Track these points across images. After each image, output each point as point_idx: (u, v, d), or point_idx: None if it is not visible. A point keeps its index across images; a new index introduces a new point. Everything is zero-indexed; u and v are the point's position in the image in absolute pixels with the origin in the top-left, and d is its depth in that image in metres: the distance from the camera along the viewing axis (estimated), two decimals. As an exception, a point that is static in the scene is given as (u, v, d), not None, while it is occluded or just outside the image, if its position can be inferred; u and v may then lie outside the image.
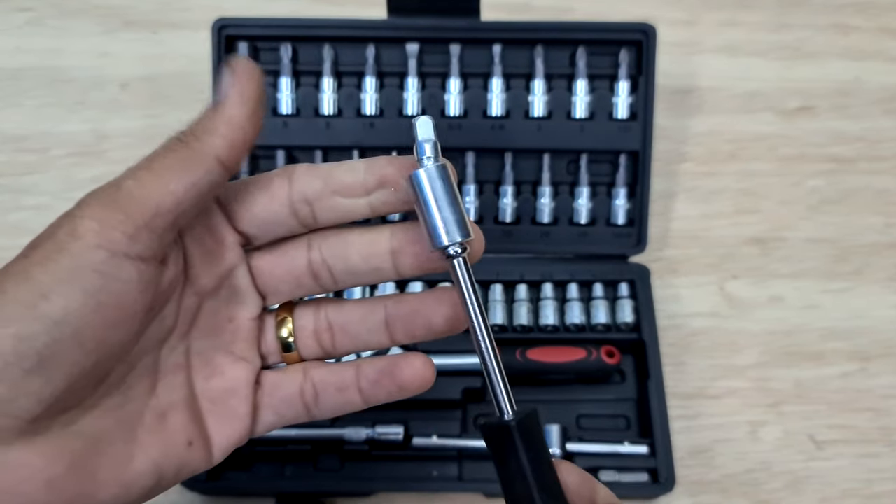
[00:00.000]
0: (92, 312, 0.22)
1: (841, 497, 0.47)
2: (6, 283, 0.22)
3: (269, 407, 0.28)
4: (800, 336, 0.52)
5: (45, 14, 0.67)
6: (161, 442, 0.26)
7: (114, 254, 0.23)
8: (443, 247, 0.25)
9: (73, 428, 0.24)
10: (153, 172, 0.24)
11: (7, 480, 0.22)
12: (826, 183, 0.59)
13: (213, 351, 0.28)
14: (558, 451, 0.45)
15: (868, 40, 0.66)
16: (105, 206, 0.23)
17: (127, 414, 0.26)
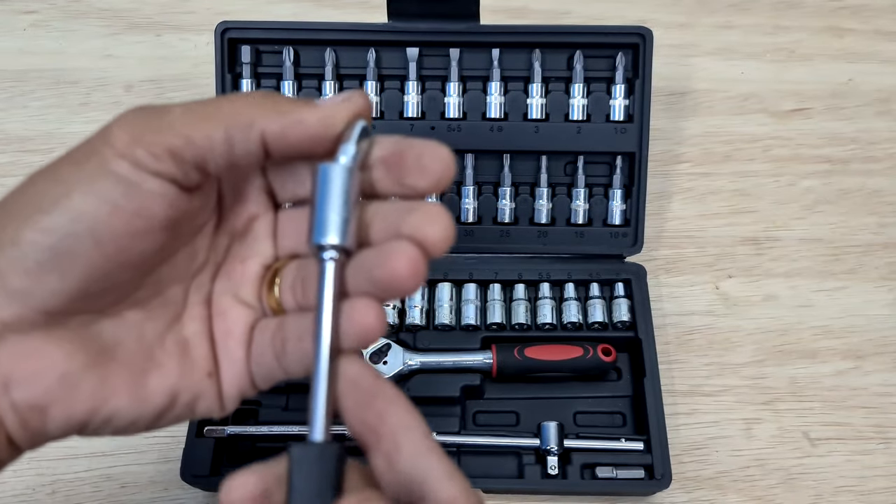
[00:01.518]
0: (109, 215, 0.23)
1: (835, 494, 0.47)
2: (38, 177, 0.24)
3: (256, 361, 0.27)
4: (794, 334, 0.53)
5: (50, 16, 0.68)
6: (182, 367, 0.26)
7: (137, 167, 0.23)
8: (318, 244, 0.24)
9: (93, 330, 0.25)
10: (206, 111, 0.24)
11: (22, 369, 0.23)
12: (820, 183, 0.60)
13: (225, 293, 0.28)
14: (555, 447, 0.46)
15: (862, 43, 0.66)
16: (144, 124, 0.24)
17: (149, 332, 0.26)
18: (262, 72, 0.52)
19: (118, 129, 0.24)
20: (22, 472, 0.47)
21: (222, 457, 0.47)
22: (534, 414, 0.49)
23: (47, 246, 0.23)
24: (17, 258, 0.23)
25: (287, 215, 0.28)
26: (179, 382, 0.26)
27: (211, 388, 0.27)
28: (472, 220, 0.53)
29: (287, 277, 0.28)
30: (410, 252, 0.23)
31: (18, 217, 0.23)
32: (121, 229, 0.23)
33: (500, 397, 0.50)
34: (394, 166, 0.25)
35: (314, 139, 0.25)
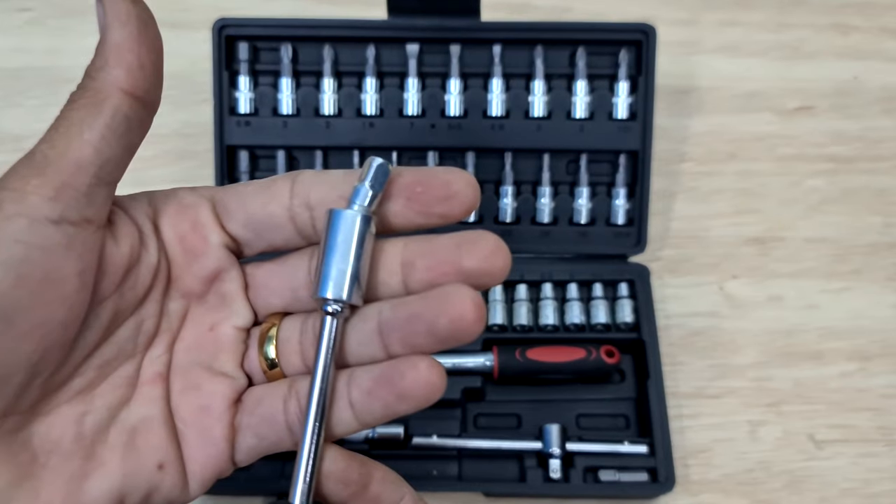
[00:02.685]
0: (13, 287, 0.19)
1: (840, 496, 0.47)
2: None
3: (249, 428, 0.24)
4: (799, 336, 0.52)
5: (45, 14, 0.67)
6: (127, 462, 0.23)
7: (34, 220, 0.20)
8: (323, 298, 0.23)
9: (22, 436, 0.21)
10: (63, 129, 0.22)
11: None
12: (825, 183, 0.59)
13: (192, 365, 0.25)
14: (558, 450, 0.45)
15: (867, 40, 0.66)
16: (21, 175, 0.21)
17: (88, 427, 0.23)
18: (260, 69, 0.51)
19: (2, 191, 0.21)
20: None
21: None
22: (536, 416, 0.48)
23: None
24: None
25: (262, 269, 0.26)
26: (124, 482, 0.23)
27: (165, 481, 0.24)
28: (472, 219, 0.53)
29: (290, 336, 0.25)
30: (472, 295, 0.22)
31: None
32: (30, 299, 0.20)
33: (501, 400, 0.49)
34: (418, 196, 0.23)
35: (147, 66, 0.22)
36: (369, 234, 0.23)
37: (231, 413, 0.25)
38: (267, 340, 0.25)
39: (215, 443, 0.24)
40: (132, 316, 0.24)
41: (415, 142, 0.51)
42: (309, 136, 0.51)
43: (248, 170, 0.52)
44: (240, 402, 0.25)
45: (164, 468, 0.24)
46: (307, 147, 0.52)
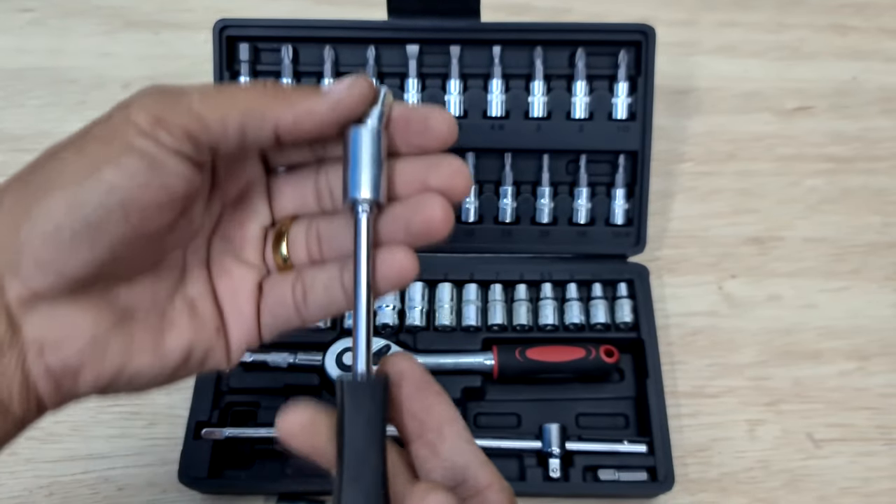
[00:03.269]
0: (137, 189, 0.25)
1: (839, 495, 0.47)
2: (64, 152, 0.25)
3: (266, 308, 0.29)
4: (798, 335, 0.53)
5: (47, 14, 0.67)
6: (193, 325, 0.28)
7: (160, 146, 0.25)
8: (353, 199, 0.27)
9: (112, 295, 0.27)
10: (221, 99, 0.25)
11: (56, 334, 0.25)
12: (824, 182, 0.59)
13: (224, 255, 0.30)
14: (557, 449, 0.45)
15: (866, 40, 0.66)
16: (163, 105, 0.25)
17: (160, 295, 0.28)
18: (261, 69, 0.52)
19: (139, 109, 0.25)
20: (19, 474, 0.47)
21: (220, 459, 0.46)
22: (535, 416, 0.48)
23: (81, 218, 0.24)
24: (50, 231, 0.24)
25: (281, 180, 0.30)
26: (193, 339, 0.28)
27: (220, 343, 0.29)
28: (473, 219, 0.53)
29: (297, 235, 0.30)
30: (442, 202, 0.26)
31: (47, 190, 0.24)
32: (146, 203, 0.25)
33: (501, 399, 0.49)
34: (402, 130, 0.27)
35: (324, 126, 0.26)
36: (381, 145, 0.27)
37: (256, 296, 0.29)
38: (280, 238, 0.30)
39: (246, 319, 0.29)
40: (186, 214, 0.28)
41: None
42: (309, 136, 0.51)
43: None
44: (261, 289, 0.30)
45: (219, 332, 0.29)
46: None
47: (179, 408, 0.49)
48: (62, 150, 0.25)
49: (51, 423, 0.48)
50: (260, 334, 0.30)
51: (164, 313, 0.28)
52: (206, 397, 0.47)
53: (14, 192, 0.25)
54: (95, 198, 0.24)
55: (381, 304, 0.51)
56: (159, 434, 0.48)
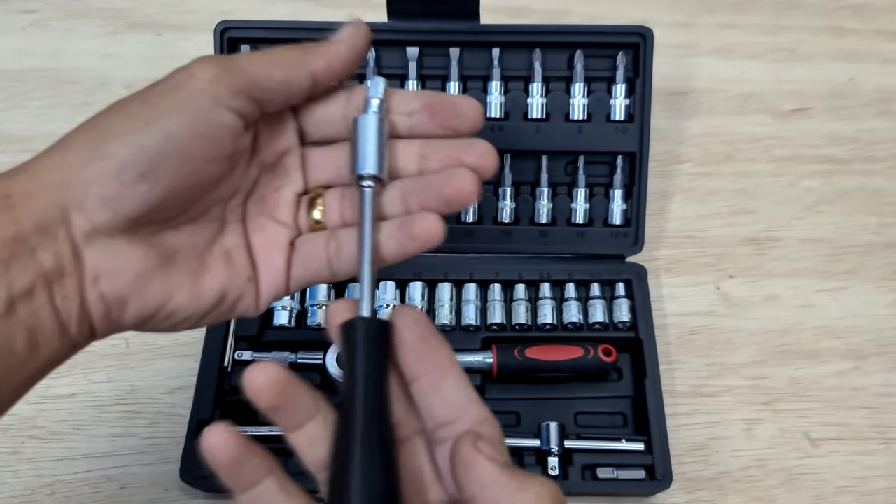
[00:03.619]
0: (193, 139, 0.28)
1: (836, 494, 0.47)
2: (130, 103, 0.28)
3: (298, 261, 0.33)
4: (795, 335, 0.53)
5: (50, 16, 0.68)
6: (228, 271, 0.31)
7: (217, 101, 0.28)
8: (359, 174, 0.31)
9: (158, 238, 0.30)
10: (266, 59, 0.30)
11: (111, 265, 0.28)
12: (821, 183, 0.60)
13: (260, 214, 0.33)
14: (556, 447, 0.46)
15: (863, 42, 0.66)
16: (219, 66, 0.29)
17: (199, 242, 0.31)
18: (262, 71, 0.52)
19: (199, 68, 0.28)
20: (21, 473, 0.47)
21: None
22: (534, 414, 0.48)
23: (143, 160, 0.27)
24: (115, 170, 0.27)
25: (315, 152, 0.34)
26: (227, 284, 0.31)
27: (251, 290, 0.32)
28: (472, 219, 0.53)
29: (331, 201, 0.33)
30: (472, 175, 0.30)
31: (114, 134, 0.27)
32: (200, 153, 0.28)
33: (500, 398, 0.49)
34: (436, 114, 0.32)
35: (350, 64, 0.31)
36: (383, 129, 0.31)
37: (288, 251, 0.33)
38: (314, 203, 0.33)
39: (277, 270, 0.32)
40: (229, 173, 0.31)
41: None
42: (310, 137, 0.52)
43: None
44: (293, 246, 0.33)
45: (251, 281, 0.32)
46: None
47: (181, 407, 0.49)
48: (128, 102, 0.28)
49: (53, 422, 0.49)
50: (288, 286, 0.33)
51: (202, 259, 0.31)
52: (207, 396, 0.47)
53: (83, 135, 0.28)
54: (156, 143, 0.27)
55: (381, 304, 0.51)
56: (161, 433, 0.49)
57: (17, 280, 0.25)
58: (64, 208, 0.27)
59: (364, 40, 0.32)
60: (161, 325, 0.30)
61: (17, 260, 0.26)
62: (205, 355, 0.49)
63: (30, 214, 0.26)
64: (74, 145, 0.28)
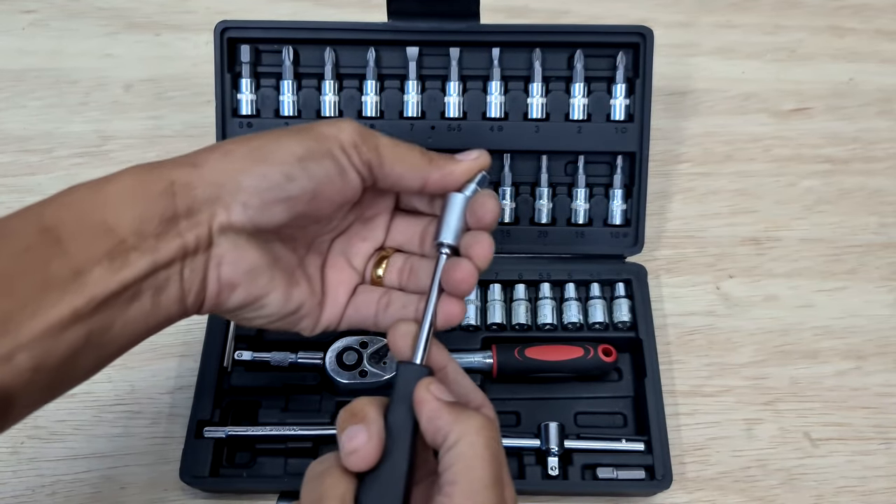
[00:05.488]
0: (328, 184, 0.34)
1: (836, 494, 0.47)
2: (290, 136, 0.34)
3: (353, 305, 0.39)
4: (795, 335, 0.53)
5: (49, 16, 0.68)
6: (308, 290, 0.37)
7: (351, 163, 0.34)
8: (440, 242, 0.36)
9: (271, 245, 0.35)
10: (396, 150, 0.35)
11: (233, 256, 0.33)
12: (821, 183, 0.60)
13: (341, 255, 0.39)
14: (556, 447, 0.46)
15: (863, 42, 0.66)
16: (361, 135, 0.34)
17: (294, 260, 0.37)
18: (262, 71, 0.52)
19: (348, 129, 0.34)
20: (22, 473, 0.47)
21: (221, 458, 0.47)
22: (534, 414, 0.48)
23: (285, 188, 0.33)
24: (263, 188, 0.33)
25: (399, 218, 0.40)
26: (305, 300, 0.37)
27: (316, 313, 0.38)
28: (472, 220, 0.53)
29: (395, 263, 0.39)
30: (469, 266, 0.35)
31: (271, 159, 0.33)
32: (327, 196, 0.34)
33: (500, 398, 0.49)
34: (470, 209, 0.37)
35: (459, 184, 0.36)
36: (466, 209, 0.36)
37: (350, 292, 0.39)
38: (382, 261, 0.39)
39: (338, 305, 0.38)
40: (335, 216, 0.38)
41: (415, 143, 0.52)
42: (310, 137, 0.52)
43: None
44: (354, 290, 0.39)
45: (321, 305, 0.38)
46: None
47: (181, 407, 0.49)
48: (287, 134, 0.34)
49: (53, 422, 0.49)
50: (340, 322, 0.39)
51: (293, 273, 0.37)
52: (207, 396, 0.47)
53: (244, 148, 0.33)
54: (302, 178, 0.33)
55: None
56: (161, 433, 0.49)
57: (163, 251, 0.31)
58: (213, 202, 0.32)
59: (482, 168, 0.37)
60: (251, 314, 0.36)
61: (166, 236, 0.31)
62: (205, 355, 0.49)
63: (185, 202, 0.32)
64: (236, 155, 0.33)
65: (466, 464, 0.29)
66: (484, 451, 0.30)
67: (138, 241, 0.30)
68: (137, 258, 0.30)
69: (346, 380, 0.48)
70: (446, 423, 0.30)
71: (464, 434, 0.30)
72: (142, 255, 0.30)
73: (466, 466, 0.29)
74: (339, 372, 0.48)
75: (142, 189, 0.31)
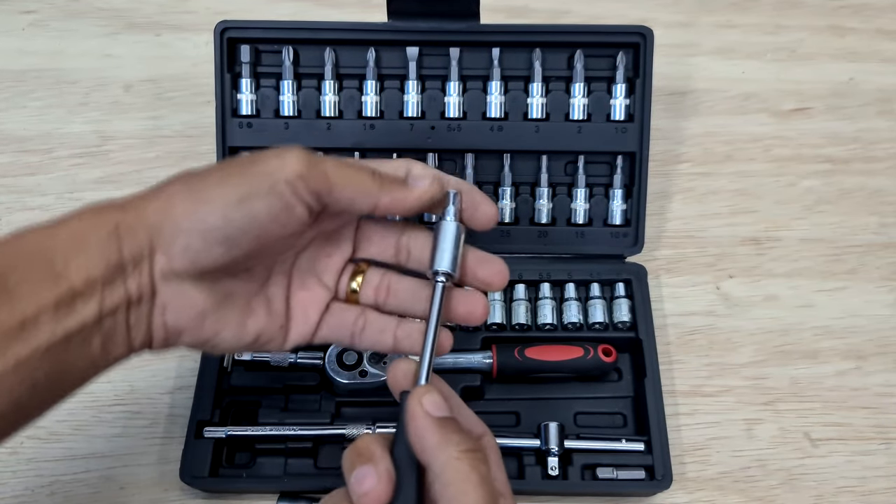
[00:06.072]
0: (272, 221, 0.32)
1: (836, 494, 0.47)
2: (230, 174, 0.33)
3: (327, 324, 0.38)
4: (795, 335, 0.53)
5: (49, 16, 0.68)
6: (266, 317, 0.36)
7: (297, 195, 0.32)
8: (435, 270, 0.35)
9: (220, 283, 0.34)
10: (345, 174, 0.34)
11: (177, 302, 0.33)
12: (821, 183, 0.60)
13: (308, 273, 0.38)
14: (556, 447, 0.46)
15: (863, 42, 0.66)
16: (307, 165, 0.32)
17: (250, 290, 0.36)
18: (262, 71, 0.52)
19: (292, 160, 0.32)
20: (21, 473, 0.47)
21: (221, 458, 0.47)
22: (534, 414, 0.48)
23: (227, 230, 0.32)
24: (202, 230, 0.32)
25: (369, 226, 0.38)
26: (264, 327, 0.36)
27: (280, 336, 0.37)
28: (472, 220, 0.53)
29: (371, 280, 0.38)
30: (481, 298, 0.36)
31: (210, 200, 0.32)
32: (273, 231, 0.33)
33: (500, 398, 0.50)
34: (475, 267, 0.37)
35: (410, 211, 0.35)
36: (458, 234, 0.36)
37: (322, 309, 0.38)
38: (355, 277, 0.38)
39: (309, 325, 0.37)
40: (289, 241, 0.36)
41: (415, 143, 0.52)
42: (310, 137, 0.52)
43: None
44: (327, 308, 0.38)
45: (282, 328, 0.37)
46: (309, 148, 0.52)
47: (181, 407, 0.49)
48: (227, 170, 0.33)
49: (53, 422, 0.49)
50: (313, 339, 0.38)
51: (249, 302, 0.36)
52: (207, 397, 0.47)
53: (184, 190, 0.33)
54: (241, 219, 0.32)
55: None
56: (161, 433, 0.49)
57: (109, 299, 0.31)
58: (153, 248, 0.32)
59: (434, 199, 0.35)
60: (206, 350, 0.36)
61: (112, 283, 0.31)
62: (204, 355, 0.49)
63: (129, 247, 0.32)
64: (177, 199, 0.32)
65: (457, 489, 0.29)
66: (471, 474, 0.29)
67: (85, 288, 0.30)
68: (83, 306, 0.30)
69: (346, 380, 0.48)
70: (431, 447, 0.30)
71: (448, 461, 0.29)
72: (87, 303, 0.30)
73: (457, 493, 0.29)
74: (339, 372, 0.48)
75: (92, 233, 0.31)
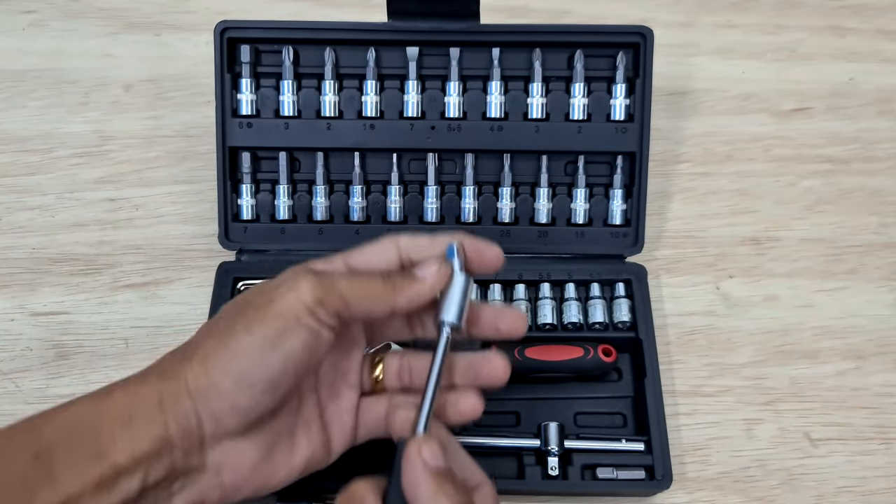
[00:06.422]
0: (305, 354, 0.33)
1: (836, 494, 0.47)
2: (252, 320, 0.33)
3: (363, 424, 0.38)
4: (795, 335, 0.53)
5: (49, 16, 0.68)
6: (307, 443, 0.37)
7: (321, 323, 0.33)
8: (441, 321, 0.36)
9: (266, 427, 0.35)
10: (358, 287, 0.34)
11: (234, 462, 0.34)
12: (821, 183, 0.60)
13: (334, 380, 0.38)
14: (556, 447, 0.46)
15: (863, 42, 0.66)
16: (321, 287, 0.33)
17: (290, 423, 0.36)
18: (262, 71, 0.52)
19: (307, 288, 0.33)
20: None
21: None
22: (534, 414, 0.48)
23: (269, 377, 0.32)
24: (246, 385, 0.32)
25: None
26: (310, 455, 0.36)
27: (324, 454, 0.37)
28: (472, 220, 0.53)
29: (392, 366, 0.39)
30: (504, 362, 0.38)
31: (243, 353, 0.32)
32: (308, 363, 0.33)
33: (500, 398, 0.49)
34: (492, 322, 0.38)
35: (427, 301, 0.35)
36: (466, 286, 0.36)
37: (356, 411, 0.38)
38: (376, 366, 0.39)
39: (347, 431, 0.38)
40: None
41: (415, 143, 0.52)
42: (310, 137, 0.52)
43: (250, 171, 0.53)
44: (359, 407, 0.38)
45: (325, 447, 0.37)
46: (308, 148, 0.52)
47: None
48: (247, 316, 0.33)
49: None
50: (353, 442, 0.38)
51: (293, 435, 0.36)
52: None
53: (217, 345, 0.33)
54: (279, 361, 0.32)
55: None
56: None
57: (153, 473, 0.31)
58: (199, 417, 0.32)
59: (445, 281, 0.35)
60: (258, 495, 0.36)
61: (159, 457, 0.31)
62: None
63: (175, 420, 0.32)
64: (211, 360, 0.32)
65: None
66: None
67: (130, 464, 0.30)
68: (127, 482, 0.30)
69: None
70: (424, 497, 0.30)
71: None
72: (131, 479, 0.30)
73: None
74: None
75: (137, 407, 0.32)
